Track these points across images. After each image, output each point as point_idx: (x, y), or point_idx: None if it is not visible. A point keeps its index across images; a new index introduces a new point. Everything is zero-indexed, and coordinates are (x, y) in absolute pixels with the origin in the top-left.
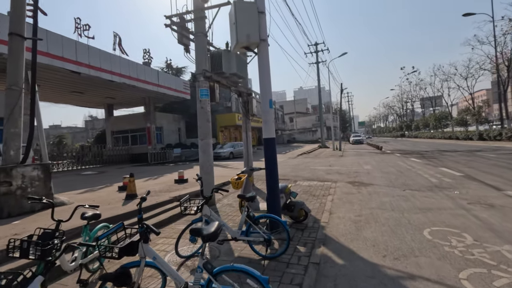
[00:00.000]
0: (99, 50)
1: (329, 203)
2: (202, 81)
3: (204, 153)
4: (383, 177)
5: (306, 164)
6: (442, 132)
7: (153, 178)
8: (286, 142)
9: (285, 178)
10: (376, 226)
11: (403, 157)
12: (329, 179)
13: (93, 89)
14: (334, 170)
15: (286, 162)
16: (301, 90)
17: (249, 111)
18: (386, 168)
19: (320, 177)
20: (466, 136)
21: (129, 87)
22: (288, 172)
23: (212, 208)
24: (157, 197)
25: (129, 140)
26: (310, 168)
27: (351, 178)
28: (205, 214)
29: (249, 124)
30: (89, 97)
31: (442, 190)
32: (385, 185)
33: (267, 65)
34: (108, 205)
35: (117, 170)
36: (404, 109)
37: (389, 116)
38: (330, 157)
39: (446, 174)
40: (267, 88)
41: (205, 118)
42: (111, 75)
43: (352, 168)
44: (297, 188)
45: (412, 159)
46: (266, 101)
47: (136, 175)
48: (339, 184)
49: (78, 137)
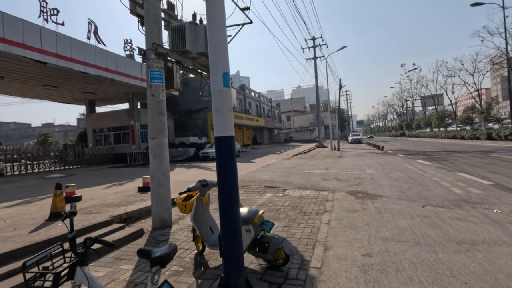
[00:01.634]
0: (69, 38)
1: (324, 227)
2: (153, 60)
3: (156, 158)
4: (392, 186)
5: (301, 166)
6: (446, 131)
7: (118, 184)
8: (283, 141)
9: (272, 185)
10: (399, 283)
11: (408, 158)
12: (326, 188)
13: (67, 82)
14: (332, 175)
15: (279, 164)
16: (299, 89)
17: None
18: (393, 173)
19: (315, 184)
20: (473, 136)
21: (107, 80)
22: (277, 177)
23: (164, 233)
24: (97, 215)
25: (112, 138)
26: (304, 172)
27: (352, 187)
28: (77, 284)
29: None
30: (64, 92)
31: (475, 206)
32: (396, 197)
33: (221, 16)
34: (14, 231)
35: (89, 173)
36: (404, 108)
37: (388, 115)
38: (328, 158)
39: (469, 181)
40: (221, 54)
41: (157, 109)
42: (84, 67)
43: (353, 172)
44: (284, 200)
45: (419, 161)
46: (219, 75)
47: (104, 179)
48: (337, 195)
49: (70, 135)
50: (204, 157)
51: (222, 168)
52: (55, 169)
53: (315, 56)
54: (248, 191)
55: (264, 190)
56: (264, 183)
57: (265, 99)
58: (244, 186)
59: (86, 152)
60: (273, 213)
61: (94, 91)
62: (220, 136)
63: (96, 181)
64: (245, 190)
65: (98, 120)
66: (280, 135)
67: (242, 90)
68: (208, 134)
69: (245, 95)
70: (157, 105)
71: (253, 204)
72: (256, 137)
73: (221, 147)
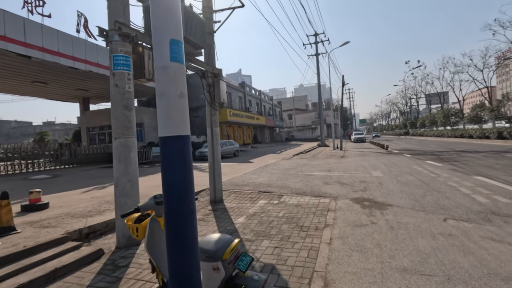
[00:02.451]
0: (56, 31)
1: (325, 249)
2: (117, 42)
3: (121, 162)
4: (403, 192)
5: (301, 167)
6: (452, 130)
7: (101, 187)
8: (284, 140)
9: (267, 190)
10: None
11: (415, 159)
12: (327, 194)
13: (57, 78)
14: (335, 178)
15: (277, 164)
16: (301, 87)
17: (215, 99)
18: (403, 176)
19: (315, 189)
20: (482, 134)
21: (99, 76)
22: (274, 180)
23: (128, 255)
24: (53, 229)
25: (106, 137)
26: (304, 175)
27: (357, 193)
28: None
29: (216, 118)
30: (56, 89)
31: (508, 221)
32: (410, 206)
33: None
34: None
35: (77, 174)
36: (408, 106)
37: (392, 113)
38: (330, 158)
39: (491, 187)
40: (170, 11)
41: (122, 103)
42: (73, 61)
43: (357, 174)
44: (279, 209)
45: (428, 162)
46: (163, 44)
47: (88, 181)
48: (341, 203)
49: (70, 134)
50: (201, 157)
51: (168, 185)
52: (46, 169)
53: (317, 53)
54: (239, 198)
55: (258, 196)
56: (258, 187)
57: (266, 97)
58: (235, 191)
59: (79, 152)
60: (264, 227)
61: (87, 88)
62: (165, 137)
63: (79, 183)
64: (236, 196)
65: (92, 118)
66: (281, 134)
67: (242, 88)
68: (207, 133)
69: (245, 92)
70: (121, 97)
71: (242, 215)
72: (256, 136)
73: (167, 153)
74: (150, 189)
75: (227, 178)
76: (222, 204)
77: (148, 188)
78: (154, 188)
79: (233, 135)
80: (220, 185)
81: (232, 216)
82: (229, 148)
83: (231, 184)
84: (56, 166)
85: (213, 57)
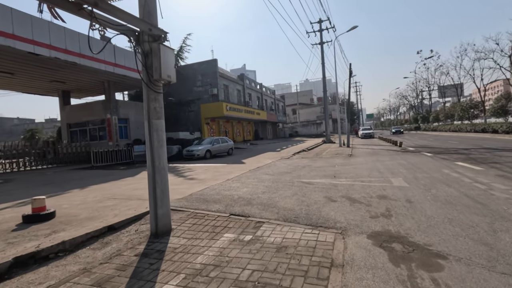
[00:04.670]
0: (10, 9)
1: None
2: None
3: None
4: (453, 222)
5: (299, 171)
6: (471, 124)
7: (27, 202)
8: (287, 136)
9: (243, 212)
10: None
11: (440, 159)
12: (331, 221)
13: (23, 68)
14: (342, 190)
15: (272, 166)
16: (306, 82)
17: (154, 75)
18: (437, 187)
19: (313, 211)
20: (510, 129)
21: (69, 65)
22: (259, 193)
23: None
24: None
25: (88, 134)
26: (301, 183)
27: (378, 221)
28: None
29: (158, 104)
30: (26, 81)
31: None
32: (483, 262)
33: None
34: None
35: (35, 178)
36: (419, 99)
37: (401, 107)
38: (336, 158)
39: None
40: None
41: None
42: (33, 46)
43: (373, 183)
44: (249, 258)
45: (459, 163)
46: None
47: (30, 190)
48: (353, 244)
49: None
50: (189, 157)
51: None
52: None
53: (322, 41)
54: (197, 227)
55: (226, 224)
56: (233, 206)
57: (268, 90)
58: (197, 214)
59: (60, 150)
60: None
61: (62, 79)
62: None
63: (14, 194)
64: (193, 224)
65: (72, 113)
66: (284, 130)
67: (241, 80)
68: (202, 128)
69: (244, 85)
70: None
71: (181, 271)
72: (258, 132)
73: None
74: (97, 204)
75: (199, 188)
76: (165, 240)
77: (109, 199)
78: (111, 200)
79: (232, 131)
80: (167, 208)
81: (162, 274)
82: (222, 146)
83: (198, 199)
84: (37, 166)
85: (154, 10)
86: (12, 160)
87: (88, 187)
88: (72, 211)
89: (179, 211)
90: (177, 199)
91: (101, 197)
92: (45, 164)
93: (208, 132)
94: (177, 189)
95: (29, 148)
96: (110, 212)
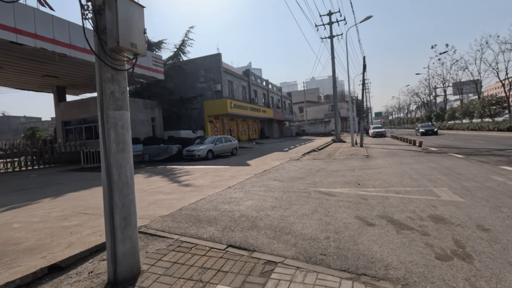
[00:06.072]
0: None
1: None
2: None
3: None
4: None
5: (313, 176)
6: (495, 123)
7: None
8: (294, 134)
9: (246, 243)
10: None
11: (477, 162)
12: (378, 265)
13: (11, 60)
14: (375, 204)
15: (281, 170)
16: (313, 80)
17: (109, 39)
18: (503, 201)
19: (345, 239)
20: None
21: (59, 57)
22: (267, 209)
23: None
24: None
25: (83, 133)
26: (320, 193)
27: (453, 267)
28: None
29: (117, 88)
30: (17, 75)
31: None
32: None
33: None
34: None
35: (14, 182)
36: (433, 96)
37: (411, 105)
38: (352, 159)
39: None
40: None
41: None
42: (15, 35)
43: (412, 195)
44: None
45: (506, 167)
46: None
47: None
48: None
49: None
50: (189, 157)
51: None
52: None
53: (332, 35)
54: (177, 269)
55: (221, 265)
56: (233, 229)
57: (274, 87)
58: (182, 244)
59: (55, 149)
60: None
61: (53, 73)
62: None
63: None
64: (173, 263)
65: (67, 111)
66: (291, 128)
67: (247, 76)
68: (205, 127)
69: (249, 81)
70: None
71: None
72: (264, 130)
73: None
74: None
75: (193, 200)
76: None
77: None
78: (81, 215)
79: (237, 130)
80: (131, 243)
81: None
82: (225, 146)
83: (188, 217)
84: (34, 166)
85: None
86: (7, 160)
87: (63, 195)
88: (19, 235)
89: (159, 238)
90: (161, 217)
91: (70, 210)
92: (42, 164)
93: (211, 131)
94: (165, 200)
95: (30, 147)
96: (65, 239)
